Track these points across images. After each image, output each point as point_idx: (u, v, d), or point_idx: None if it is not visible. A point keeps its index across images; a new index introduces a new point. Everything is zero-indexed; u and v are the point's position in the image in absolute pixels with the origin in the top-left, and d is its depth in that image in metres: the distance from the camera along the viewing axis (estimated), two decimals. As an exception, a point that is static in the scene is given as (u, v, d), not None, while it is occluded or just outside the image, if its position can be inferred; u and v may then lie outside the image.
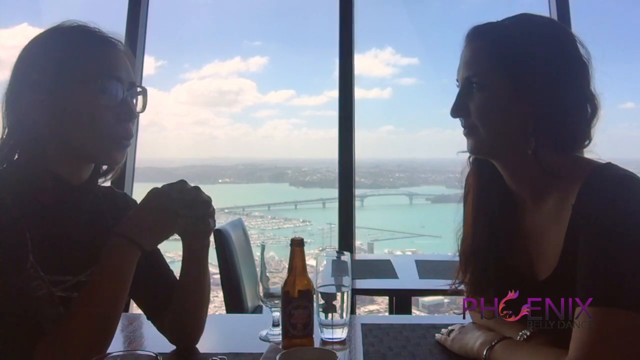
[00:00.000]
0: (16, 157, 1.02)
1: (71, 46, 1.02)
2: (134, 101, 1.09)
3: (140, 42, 3.28)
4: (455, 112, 1.07)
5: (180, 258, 1.18)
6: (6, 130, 1.02)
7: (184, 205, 1.02)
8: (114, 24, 1.10)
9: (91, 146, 1.03)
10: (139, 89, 1.09)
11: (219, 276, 2.51)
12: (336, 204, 3.37)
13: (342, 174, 3.32)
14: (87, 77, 1.00)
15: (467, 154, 1.13)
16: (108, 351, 0.94)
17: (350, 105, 3.33)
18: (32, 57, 1.03)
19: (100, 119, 1.01)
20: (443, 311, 4.99)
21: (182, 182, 1.04)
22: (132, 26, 3.24)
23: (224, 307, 2.55)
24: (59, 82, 1.00)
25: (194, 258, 1.17)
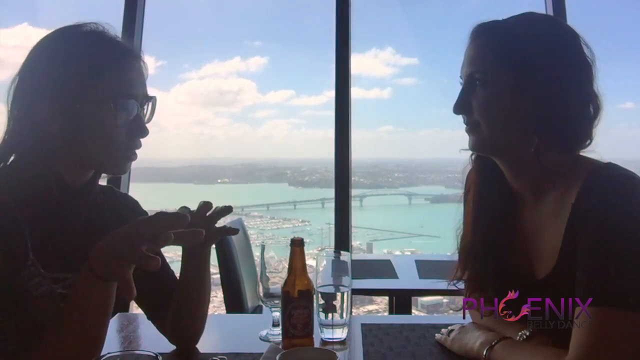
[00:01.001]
0: (18, 157, 1.02)
1: (92, 58, 1.01)
2: (145, 114, 1.09)
3: (137, 41, 3.27)
4: (458, 108, 1.07)
5: (180, 258, 1.18)
6: (10, 128, 1.01)
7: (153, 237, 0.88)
8: (110, 23, 1.09)
9: (102, 159, 1.05)
10: (149, 95, 1.09)
11: (219, 276, 2.51)
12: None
13: (339, 173, 3.32)
14: (105, 95, 1.00)
15: (469, 152, 1.14)
16: (108, 351, 0.94)
17: (346, 105, 3.32)
18: (47, 58, 1.02)
19: (114, 136, 1.02)
20: (442, 311, 4.99)
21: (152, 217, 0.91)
22: (128, 25, 3.23)
23: (223, 307, 2.55)
24: (76, 94, 0.99)
25: (194, 260, 1.17)
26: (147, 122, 1.09)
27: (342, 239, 3.25)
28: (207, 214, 1.15)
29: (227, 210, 1.18)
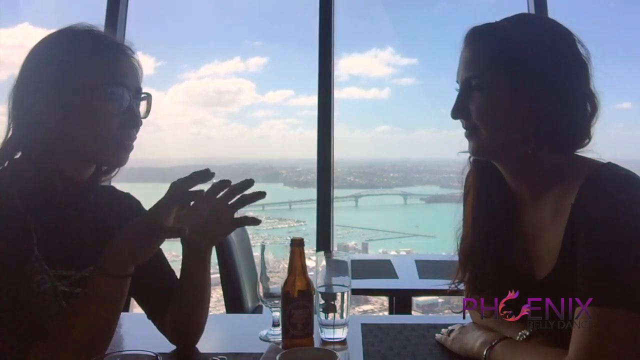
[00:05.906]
0: (22, 154, 1.03)
1: (81, 51, 1.03)
2: (139, 107, 1.10)
3: (119, 38, 3.25)
4: (456, 113, 1.07)
5: (179, 258, 1.17)
6: (12, 127, 1.03)
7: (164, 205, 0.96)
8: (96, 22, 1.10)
9: (96, 149, 1.05)
10: (143, 95, 1.10)
11: (219, 276, 2.50)
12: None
13: (320, 173, 3.32)
14: (95, 83, 1.01)
15: (467, 154, 1.13)
16: (108, 351, 0.94)
17: (328, 105, 3.32)
18: (42, 58, 1.04)
19: (105, 125, 1.03)
20: (438, 311, 4.99)
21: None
22: (111, 19, 3.21)
23: (223, 307, 2.55)
24: (67, 86, 1.01)
25: (195, 259, 1.16)
26: (143, 118, 1.10)
27: (324, 240, 3.24)
28: (230, 202, 1.13)
29: (260, 195, 1.13)
